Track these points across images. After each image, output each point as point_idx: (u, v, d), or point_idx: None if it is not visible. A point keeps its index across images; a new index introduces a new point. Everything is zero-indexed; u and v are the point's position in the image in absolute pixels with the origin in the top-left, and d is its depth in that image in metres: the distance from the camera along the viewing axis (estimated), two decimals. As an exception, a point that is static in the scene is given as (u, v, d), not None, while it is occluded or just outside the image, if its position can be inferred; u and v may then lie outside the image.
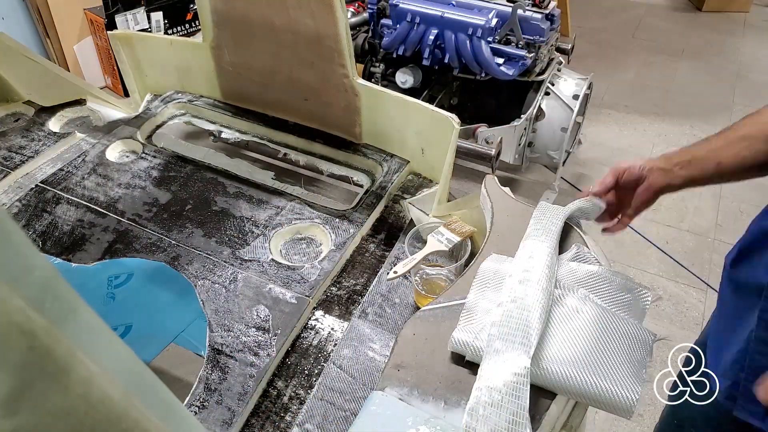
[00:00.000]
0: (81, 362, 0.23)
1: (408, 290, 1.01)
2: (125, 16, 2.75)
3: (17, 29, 2.73)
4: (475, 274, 0.82)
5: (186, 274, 1.04)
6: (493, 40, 2.17)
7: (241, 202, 1.20)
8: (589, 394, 0.65)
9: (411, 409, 0.67)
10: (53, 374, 0.22)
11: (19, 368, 0.21)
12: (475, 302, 0.77)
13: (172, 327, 1.58)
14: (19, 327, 0.20)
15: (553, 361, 0.67)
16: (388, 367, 0.72)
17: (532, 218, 0.89)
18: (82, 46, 2.93)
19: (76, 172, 1.28)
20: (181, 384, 1.45)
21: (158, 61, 1.46)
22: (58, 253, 1.10)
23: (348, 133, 1.35)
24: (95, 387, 0.24)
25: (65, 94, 1.48)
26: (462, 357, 0.72)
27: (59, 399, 0.23)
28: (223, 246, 1.10)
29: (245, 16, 1.24)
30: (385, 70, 2.47)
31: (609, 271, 0.79)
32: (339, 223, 1.14)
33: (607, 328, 0.70)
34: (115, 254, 1.10)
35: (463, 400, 0.66)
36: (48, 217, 1.17)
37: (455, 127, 1.11)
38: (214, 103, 1.48)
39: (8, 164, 1.29)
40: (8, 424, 0.21)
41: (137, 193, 1.23)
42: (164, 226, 1.15)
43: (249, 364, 0.89)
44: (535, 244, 0.81)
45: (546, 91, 2.32)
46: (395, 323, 0.95)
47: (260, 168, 1.35)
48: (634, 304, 0.77)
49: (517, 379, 0.65)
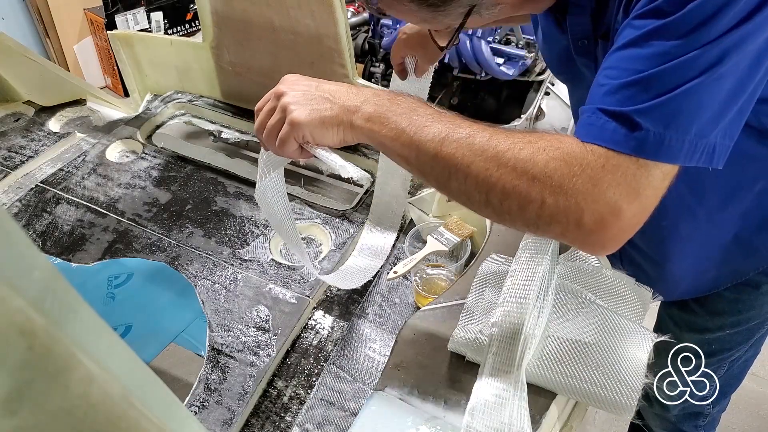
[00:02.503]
0: (81, 362, 0.23)
1: (408, 290, 1.01)
2: (125, 16, 2.75)
3: (17, 29, 2.72)
4: (475, 274, 0.82)
5: (186, 274, 1.04)
6: (493, 40, 2.17)
7: (241, 202, 1.20)
8: (589, 394, 0.65)
9: (411, 409, 0.67)
10: (53, 374, 0.22)
11: (19, 368, 0.21)
12: (475, 302, 0.77)
13: (172, 327, 1.57)
14: (19, 327, 0.20)
15: (553, 360, 0.67)
16: (388, 367, 0.72)
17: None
18: (82, 46, 2.93)
19: (76, 172, 1.28)
20: (181, 384, 1.45)
21: (158, 61, 1.46)
22: (58, 253, 1.10)
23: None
24: (95, 387, 0.24)
25: (65, 94, 1.48)
26: (462, 357, 0.72)
27: (59, 399, 0.23)
28: (223, 246, 1.10)
29: (245, 16, 1.24)
30: (385, 70, 2.47)
31: (609, 271, 0.79)
32: (339, 223, 1.14)
33: (607, 327, 0.70)
34: (115, 254, 1.10)
35: (463, 400, 0.66)
36: (48, 217, 1.17)
37: (455, 127, 1.11)
38: (214, 103, 1.48)
39: (8, 164, 1.29)
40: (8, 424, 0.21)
41: (137, 193, 1.23)
42: (164, 226, 1.15)
43: (249, 364, 0.89)
44: (535, 244, 0.81)
45: (546, 91, 2.32)
46: (395, 323, 0.95)
47: (260, 168, 1.35)
48: (635, 304, 0.77)
49: (516, 379, 0.65)
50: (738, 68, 0.50)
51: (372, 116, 0.61)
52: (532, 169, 0.53)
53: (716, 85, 0.50)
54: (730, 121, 0.52)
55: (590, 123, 0.54)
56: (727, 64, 0.49)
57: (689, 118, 0.51)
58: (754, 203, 0.75)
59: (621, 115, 0.52)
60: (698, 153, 0.52)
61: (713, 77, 0.50)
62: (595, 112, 0.54)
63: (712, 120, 0.51)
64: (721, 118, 0.51)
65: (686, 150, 0.51)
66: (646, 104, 0.51)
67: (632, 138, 0.51)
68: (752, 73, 0.51)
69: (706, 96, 0.50)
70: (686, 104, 0.50)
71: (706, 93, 0.50)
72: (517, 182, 0.54)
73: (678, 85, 0.50)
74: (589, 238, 0.53)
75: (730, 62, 0.49)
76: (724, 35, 0.49)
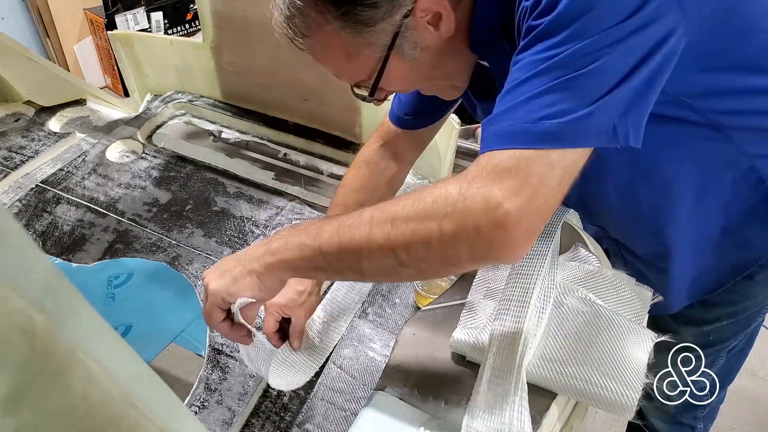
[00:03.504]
0: (81, 362, 0.23)
1: (408, 290, 1.01)
2: (125, 16, 2.75)
3: (17, 29, 2.72)
4: (475, 274, 0.82)
5: (186, 274, 1.04)
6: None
7: (241, 202, 1.20)
8: (590, 394, 0.65)
9: (411, 409, 0.67)
10: (53, 374, 0.22)
11: (19, 368, 0.21)
12: (475, 302, 0.77)
13: (172, 327, 1.57)
14: (20, 327, 0.20)
15: (554, 360, 0.67)
16: (388, 367, 0.72)
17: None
18: (82, 46, 2.93)
19: (76, 172, 1.28)
20: (181, 384, 1.45)
21: (158, 61, 1.46)
22: (58, 253, 1.10)
23: (348, 133, 1.35)
24: (95, 387, 0.24)
25: (65, 94, 1.48)
26: (462, 357, 0.72)
27: (59, 399, 0.23)
28: (223, 246, 1.10)
29: (245, 16, 1.24)
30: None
31: (609, 271, 0.79)
32: (339, 223, 1.14)
33: (608, 327, 0.70)
34: (115, 254, 1.10)
35: (463, 400, 0.66)
36: (48, 217, 1.17)
37: (455, 127, 1.11)
38: (214, 103, 1.48)
39: (8, 164, 1.29)
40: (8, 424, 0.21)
41: (137, 193, 1.23)
42: (164, 226, 1.15)
43: (249, 364, 0.89)
44: (535, 244, 0.81)
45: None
46: (395, 323, 0.95)
47: (260, 168, 1.35)
48: (635, 304, 0.77)
49: (516, 379, 0.65)
50: (623, 61, 0.52)
51: (276, 249, 0.64)
52: (422, 211, 0.55)
53: (597, 75, 0.52)
54: (626, 105, 0.53)
55: (482, 137, 0.57)
56: (606, 57, 0.52)
57: (569, 107, 0.52)
58: (731, 194, 0.75)
59: (498, 118, 0.55)
60: (588, 136, 0.53)
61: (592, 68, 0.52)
62: (487, 121, 0.57)
63: (597, 104, 0.53)
64: (610, 102, 0.53)
65: (571, 135, 0.53)
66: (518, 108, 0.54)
67: (511, 134, 0.53)
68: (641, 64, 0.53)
69: (585, 85, 0.52)
70: (567, 94, 0.52)
71: (585, 84, 0.52)
72: (413, 227, 0.55)
73: (557, 78, 0.52)
74: (496, 243, 0.53)
75: (611, 55, 0.52)
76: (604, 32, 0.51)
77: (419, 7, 0.63)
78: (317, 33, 0.65)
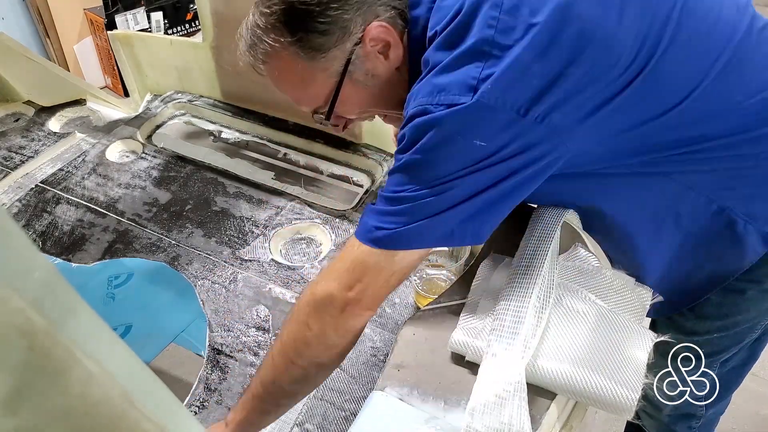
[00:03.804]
0: (81, 362, 0.23)
1: (408, 290, 1.01)
2: (125, 16, 2.75)
3: (17, 29, 2.72)
4: (475, 274, 0.82)
5: (186, 274, 1.04)
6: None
7: (241, 202, 1.20)
8: (589, 394, 0.65)
9: (411, 409, 0.67)
10: (53, 374, 0.22)
11: (19, 368, 0.21)
12: (475, 302, 0.77)
13: (172, 327, 1.57)
14: (19, 327, 0.20)
15: (553, 360, 0.67)
16: (388, 367, 0.72)
17: (531, 219, 0.89)
18: (82, 46, 2.92)
19: (76, 172, 1.28)
20: (181, 384, 1.45)
21: (158, 61, 1.46)
22: (58, 253, 1.10)
23: (348, 132, 1.35)
24: (94, 387, 0.24)
25: (65, 94, 1.48)
26: (462, 357, 0.72)
27: (59, 399, 0.23)
28: (223, 246, 1.10)
29: (245, 16, 1.24)
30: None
31: (609, 271, 0.79)
32: (339, 223, 1.14)
33: (607, 327, 0.70)
34: (115, 254, 1.10)
35: (463, 400, 0.66)
36: (48, 217, 1.17)
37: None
38: (214, 103, 1.48)
39: (8, 164, 1.29)
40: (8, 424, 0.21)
41: (137, 193, 1.23)
42: (164, 226, 1.15)
43: (249, 364, 0.89)
44: (535, 244, 0.81)
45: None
46: (395, 323, 0.95)
47: (260, 168, 1.35)
48: (634, 304, 0.77)
49: (516, 379, 0.65)
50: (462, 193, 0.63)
51: (232, 420, 0.73)
52: (294, 320, 0.69)
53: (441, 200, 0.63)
54: (468, 215, 0.65)
55: (360, 219, 0.69)
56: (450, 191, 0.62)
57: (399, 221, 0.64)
58: (690, 221, 0.75)
59: (365, 222, 0.66)
60: (410, 242, 0.65)
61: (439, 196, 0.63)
62: (367, 207, 0.69)
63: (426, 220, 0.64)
64: (448, 215, 0.64)
65: (394, 242, 0.65)
66: (385, 216, 0.65)
67: (364, 236, 0.66)
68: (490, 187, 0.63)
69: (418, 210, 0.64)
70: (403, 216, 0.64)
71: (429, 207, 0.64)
72: (294, 336, 0.69)
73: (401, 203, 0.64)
74: (348, 308, 0.66)
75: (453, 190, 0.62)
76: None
77: (369, 35, 0.68)
78: (275, 59, 0.71)
